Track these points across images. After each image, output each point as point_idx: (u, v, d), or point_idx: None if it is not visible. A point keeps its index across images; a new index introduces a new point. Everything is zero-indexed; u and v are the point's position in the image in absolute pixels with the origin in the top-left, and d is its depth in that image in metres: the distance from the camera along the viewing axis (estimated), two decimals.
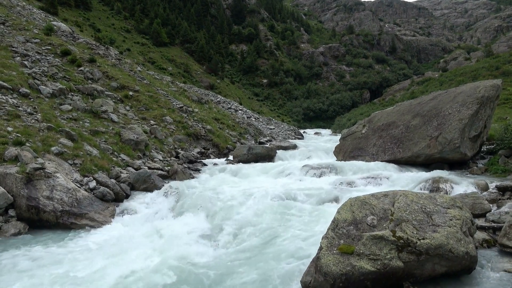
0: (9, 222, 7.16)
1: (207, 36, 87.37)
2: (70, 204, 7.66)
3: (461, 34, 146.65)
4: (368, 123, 13.29)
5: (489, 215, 6.11)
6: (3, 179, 7.55)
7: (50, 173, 7.88)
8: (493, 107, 11.31)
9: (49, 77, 13.93)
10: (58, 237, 6.97)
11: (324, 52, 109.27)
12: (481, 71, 46.45)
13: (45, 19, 26.44)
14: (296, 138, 31.57)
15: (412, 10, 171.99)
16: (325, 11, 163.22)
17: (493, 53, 65.53)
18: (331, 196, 8.31)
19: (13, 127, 9.43)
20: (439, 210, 4.78)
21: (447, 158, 10.51)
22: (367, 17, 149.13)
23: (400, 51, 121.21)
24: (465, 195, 6.88)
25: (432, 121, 10.88)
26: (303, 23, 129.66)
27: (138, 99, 16.53)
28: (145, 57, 66.28)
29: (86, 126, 11.68)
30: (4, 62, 13.33)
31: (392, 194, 5.09)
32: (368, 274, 4.24)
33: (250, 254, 5.99)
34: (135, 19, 78.53)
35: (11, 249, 6.30)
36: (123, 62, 23.70)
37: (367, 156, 12.08)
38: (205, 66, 79.37)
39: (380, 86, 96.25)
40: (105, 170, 9.52)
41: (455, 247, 4.33)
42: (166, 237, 6.89)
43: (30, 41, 17.05)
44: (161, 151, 13.05)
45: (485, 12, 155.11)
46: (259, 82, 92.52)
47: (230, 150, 16.40)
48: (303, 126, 71.51)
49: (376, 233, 4.44)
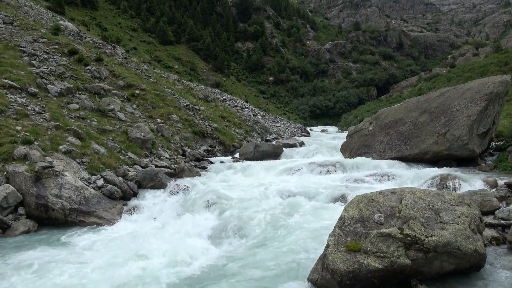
0: (18, 220, 7.26)
1: (213, 34, 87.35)
2: (78, 202, 7.74)
3: (469, 29, 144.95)
4: (375, 120, 13.22)
5: (498, 213, 6.05)
6: (13, 177, 7.64)
7: (59, 171, 7.96)
8: (502, 103, 11.18)
9: (56, 76, 14.04)
10: (67, 235, 7.04)
11: (330, 49, 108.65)
12: (490, 66, 45.86)
13: (52, 18, 26.63)
14: (302, 135, 31.47)
15: (419, 5, 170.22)
16: (331, 7, 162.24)
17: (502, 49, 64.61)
18: (338, 194, 8.28)
19: (21, 126, 9.54)
20: (447, 208, 4.75)
21: (455, 155, 10.42)
22: (373, 14, 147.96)
23: (407, 47, 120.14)
24: (473, 192, 6.82)
25: (440, 117, 10.79)
26: (309, 20, 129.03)
27: (145, 97, 16.60)
28: (152, 55, 66.45)
29: (93, 125, 11.76)
30: (13, 61, 13.46)
31: (400, 192, 5.06)
32: (376, 272, 4.23)
33: (257, 251, 6.01)
34: (141, 17, 78.73)
35: (22, 246, 6.37)
36: (129, 60, 23.81)
37: (374, 153, 12.02)
38: (211, 64, 79.38)
39: (387, 82, 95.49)
40: (112, 168, 9.59)
41: (463, 245, 4.30)
42: (173, 235, 6.93)
43: (38, 40, 17.19)
44: (168, 149, 13.10)
45: (494, 7, 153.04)
46: (265, 79, 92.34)
47: (237, 148, 16.41)
48: (310, 123, 71.27)
49: (383, 231, 4.43)
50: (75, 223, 7.56)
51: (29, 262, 5.66)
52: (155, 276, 5.20)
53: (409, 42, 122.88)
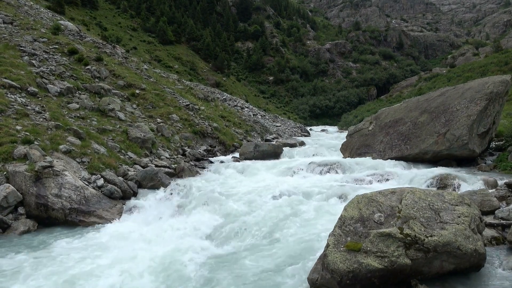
0: (18, 220, 7.26)
1: (213, 34, 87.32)
2: (78, 201, 7.74)
3: (469, 29, 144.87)
4: (375, 120, 13.21)
5: (498, 212, 6.06)
6: (13, 177, 7.64)
7: (59, 171, 7.96)
8: (502, 103, 11.17)
9: (56, 76, 14.04)
10: (67, 235, 7.04)
11: (330, 49, 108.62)
12: (490, 66, 45.83)
13: (52, 18, 26.62)
14: (302, 135, 31.48)
15: (419, 5, 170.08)
16: (331, 7, 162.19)
17: (502, 48, 64.55)
18: (338, 193, 8.28)
19: (21, 125, 9.54)
20: (447, 207, 4.75)
21: (455, 155, 10.41)
22: (373, 13, 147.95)
23: (407, 47, 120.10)
24: (473, 192, 6.82)
25: (440, 117, 10.79)
26: (309, 20, 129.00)
27: (145, 97, 16.60)
28: (152, 55, 66.43)
29: (93, 125, 11.76)
30: (13, 61, 13.46)
31: (400, 191, 5.06)
32: (375, 271, 4.23)
33: (257, 250, 6.01)
34: (141, 17, 78.71)
35: (21, 246, 6.38)
36: (129, 60, 23.80)
37: (374, 153, 12.01)
38: (211, 64, 79.37)
39: (387, 82, 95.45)
40: (112, 168, 9.59)
41: (463, 244, 4.30)
42: (172, 234, 6.94)
43: (38, 40, 17.19)
44: (168, 149, 13.10)
45: (494, 6, 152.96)
46: (265, 79, 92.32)
47: (237, 147, 16.41)
48: (310, 123, 71.27)
49: (383, 230, 4.43)
50: (75, 223, 7.56)
51: (29, 262, 5.66)
52: (154, 277, 5.20)
53: (409, 42, 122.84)
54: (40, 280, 5.11)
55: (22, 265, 5.57)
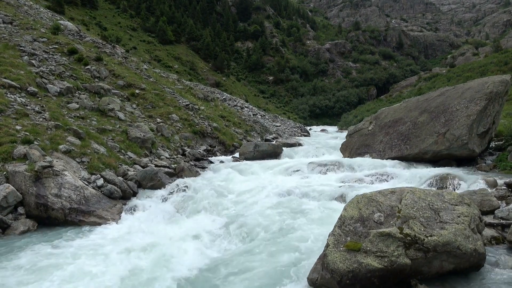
0: (18, 220, 7.25)
1: (212, 34, 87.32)
2: (78, 201, 7.74)
3: (469, 29, 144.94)
4: (375, 119, 13.22)
5: (497, 212, 6.06)
6: (12, 177, 7.64)
7: (58, 171, 7.95)
8: (502, 103, 11.18)
9: (56, 76, 14.04)
10: (67, 234, 7.04)
11: (330, 49, 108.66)
12: (490, 66, 45.83)
13: (52, 18, 26.62)
14: (302, 135, 31.49)
15: (419, 5, 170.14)
16: (331, 7, 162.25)
17: (502, 48, 64.59)
18: (337, 193, 8.29)
19: (21, 125, 9.53)
20: (447, 207, 4.75)
21: (455, 155, 10.41)
22: (373, 13, 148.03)
23: (407, 47, 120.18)
24: (473, 192, 6.82)
25: (440, 117, 10.79)
26: (309, 20, 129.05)
27: (145, 97, 16.60)
28: (151, 55, 66.43)
29: (93, 124, 11.76)
30: (12, 61, 13.45)
31: (399, 191, 5.07)
32: (375, 271, 4.23)
33: (257, 251, 6.00)
34: (141, 17, 78.72)
35: (21, 246, 6.37)
36: (129, 60, 23.80)
37: (374, 153, 12.02)
38: (211, 64, 79.38)
39: (386, 82, 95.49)
40: (112, 168, 9.58)
41: (463, 244, 4.30)
42: (172, 234, 6.93)
43: (38, 40, 17.18)
44: (168, 149, 13.10)
45: (494, 6, 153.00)
46: (265, 79, 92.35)
47: (236, 147, 16.41)
48: (309, 123, 71.32)
49: (383, 230, 4.43)
50: (75, 223, 7.56)
51: (28, 262, 5.66)
52: (152, 277, 5.20)
53: (409, 42, 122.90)
54: (39, 280, 5.10)
55: (22, 265, 5.57)
